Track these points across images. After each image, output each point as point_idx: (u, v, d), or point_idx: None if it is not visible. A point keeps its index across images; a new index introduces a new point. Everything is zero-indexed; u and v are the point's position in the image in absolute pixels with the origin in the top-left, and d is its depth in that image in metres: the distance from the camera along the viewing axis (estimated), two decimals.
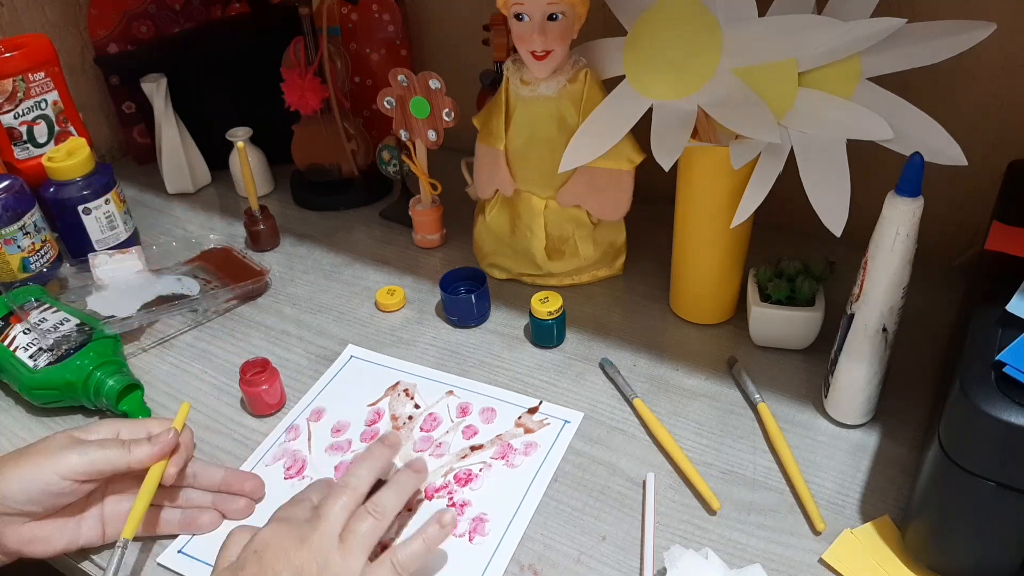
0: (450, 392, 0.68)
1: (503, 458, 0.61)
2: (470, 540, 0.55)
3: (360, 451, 0.63)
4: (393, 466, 0.56)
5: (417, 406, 0.67)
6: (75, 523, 0.55)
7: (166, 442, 0.55)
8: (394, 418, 0.66)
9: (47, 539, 0.53)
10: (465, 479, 0.59)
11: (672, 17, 0.64)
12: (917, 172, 0.51)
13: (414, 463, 0.54)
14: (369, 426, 0.65)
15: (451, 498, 0.58)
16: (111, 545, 0.56)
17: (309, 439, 0.65)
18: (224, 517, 0.58)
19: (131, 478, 0.55)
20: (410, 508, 0.57)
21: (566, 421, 0.64)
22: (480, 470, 0.60)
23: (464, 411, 0.66)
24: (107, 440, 0.54)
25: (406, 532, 0.56)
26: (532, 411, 0.65)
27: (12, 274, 0.80)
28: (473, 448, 0.62)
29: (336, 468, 0.62)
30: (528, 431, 0.63)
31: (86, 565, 0.56)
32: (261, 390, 0.66)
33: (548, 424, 0.64)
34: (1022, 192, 0.62)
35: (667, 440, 0.61)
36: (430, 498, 0.58)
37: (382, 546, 0.52)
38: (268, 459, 0.63)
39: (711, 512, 0.56)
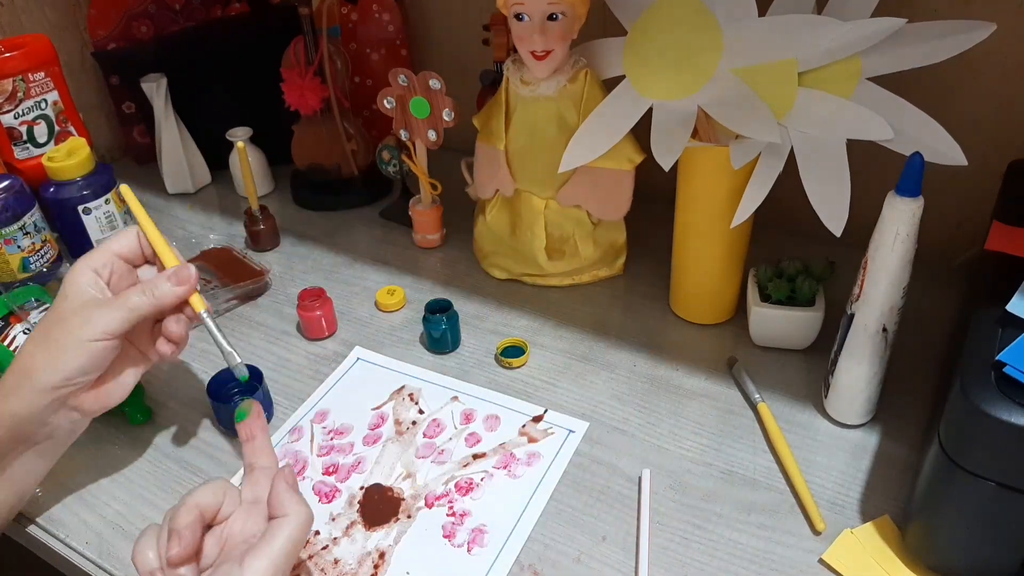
0: (455, 398, 0.67)
1: (505, 467, 0.60)
2: (468, 551, 0.54)
3: (365, 454, 0.63)
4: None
5: (421, 411, 0.66)
6: (135, 353, 0.57)
7: (190, 279, 0.56)
8: (397, 422, 0.65)
9: (122, 380, 0.56)
10: (466, 488, 0.59)
11: (672, 17, 0.64)
12: (917, 172, 0.51)
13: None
14: (372, 430, 0.65)
15: (451, 507, 0.57)
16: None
17: (312, 440, 0.64)
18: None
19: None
20: (409, 515, 0.57)
21: (571, 431, 0.63)
22: (482, 479, 0.60)
23: (468, 418, 0.65)
24: (127, 293, 0.54)
25: (405, 539, 0.55)
26: (537, 419, 0.65)
27: (12, 274, 0.80)
28: (475, 456, 0.62)
29: (331, 470, 0.62)
30: (532, 440, 0.63)
31: (86, 565, 0.56)
32: (316, 315, 0.73)
33: (552, 434, 0.63)
34: (1022, 192, 0.62)
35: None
36: (430, 506, 0.58)
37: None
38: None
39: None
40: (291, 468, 0.50)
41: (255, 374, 0.67)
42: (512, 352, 0.71)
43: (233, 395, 0.67)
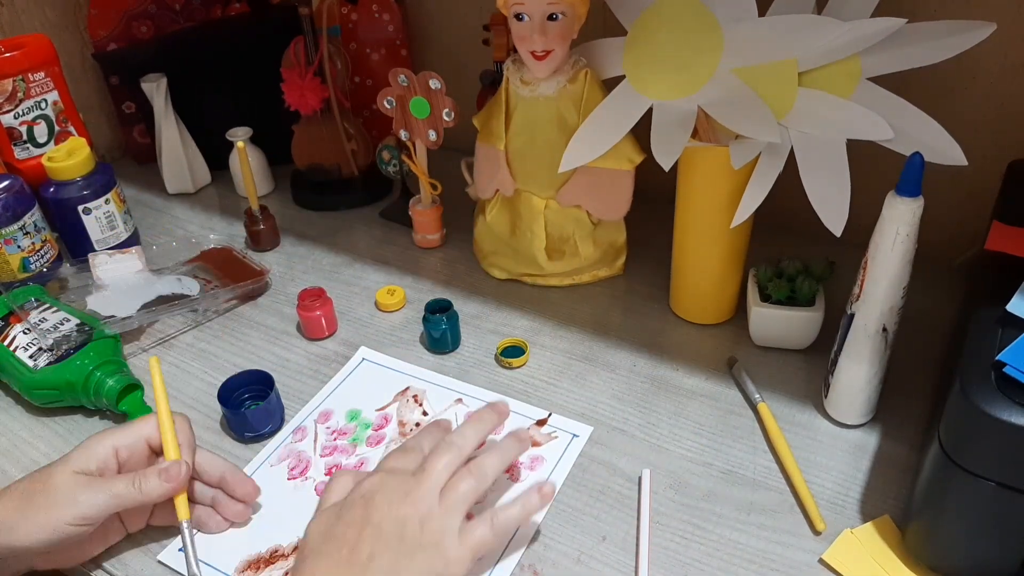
0: (459, 400, 0.67)
1: (508, 472, 0.60)
2: None
3: (368, 455, 0.63)
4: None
5: (425, 413, 0.66)
6: (114, 526, 0.55)
7: (178, 478, 0.54)
8: (401, 424, 0.65)
9: (87, 549, 0.54)
10: None
11: (672, 17, 0.64)
12: (917, 172, 0.51)
13: (519, 432, 0.55)
14: (376, 431, 0.65)
15: None
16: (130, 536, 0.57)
17: (315, 440, 0.64)
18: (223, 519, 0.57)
19: None
20: None
21: (574, 435, 0.63)
22: None
23: None
24: (115, 480, 0.53)
25: None
26: (541, 423, 0.64)
27: (12, 274, 0.80)
28: None
29: (333, 471, 0.61)
30: (535, 444, 0.62)
31: (86, 564, 0.56)
32: (316, 315, 0.73)
33: (556, 438, 0.63)
34: (1022, 192, 0.62)
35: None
36: None
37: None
38: (274, 459, 0.63)
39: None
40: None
41: (266, 380, 0.66)
42: (512, 352, 0.71)
43: (244, 400, 0.66)
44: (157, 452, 0.56)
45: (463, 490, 0.49)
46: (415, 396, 0.68)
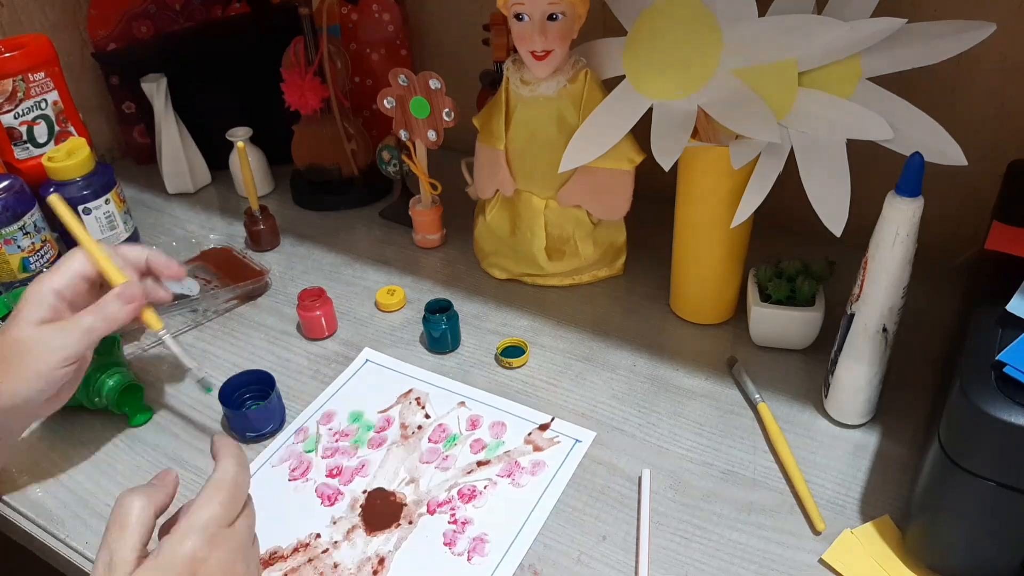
0: (462, 403, 0.67)
1: (509, 476, 0.60)
2: (468, 560, 0.54)
3: (369, 457, 0.63)
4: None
5: (428, 416, 0.66)
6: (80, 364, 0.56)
7: (136, 297, 0.56)
8: (403, 426, 0.65)
9: (62, 396, 0.57)
10: (469, 495, 0.59)
11: (672, 17, 0.64)
12: (917, 172, 0.51)
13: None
14: (378, 433, 0.65)
15: (453, 514, 0.57)
16: None
17: (317, 442, 0.64)
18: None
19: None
20: (411, 521, 0.57)
21: (577, 440, 0.63)
22: (485, 487, 0.59)
23: (474, 424, 0.65)
24: (81, 316, 0.54)
25: (406, 545, 0.55)
26: (543, 428, 0.64)
27: (12, 274, 0.80)
28: (480, 464, 0.61)
29: (335, 472, 0.61)
30: (537, 449, 0.62)
31: (86, 564, 0.56)
32: (316, 315, 0.73)
33: (558, 443, 0.62)
34: (1022, 192, 0.62)
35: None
36: (432, 513, 0.57)
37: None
38: (275, 460, 0.63)
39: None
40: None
41: (267, 380, 0.66)
42: (512, 352, 0.71)
43: (246, 400, 0.66)
44: (94, 283, 0.58)
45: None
46: (418, 399, 0.68)
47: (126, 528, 0.42)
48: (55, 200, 0.60)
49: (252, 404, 0.66)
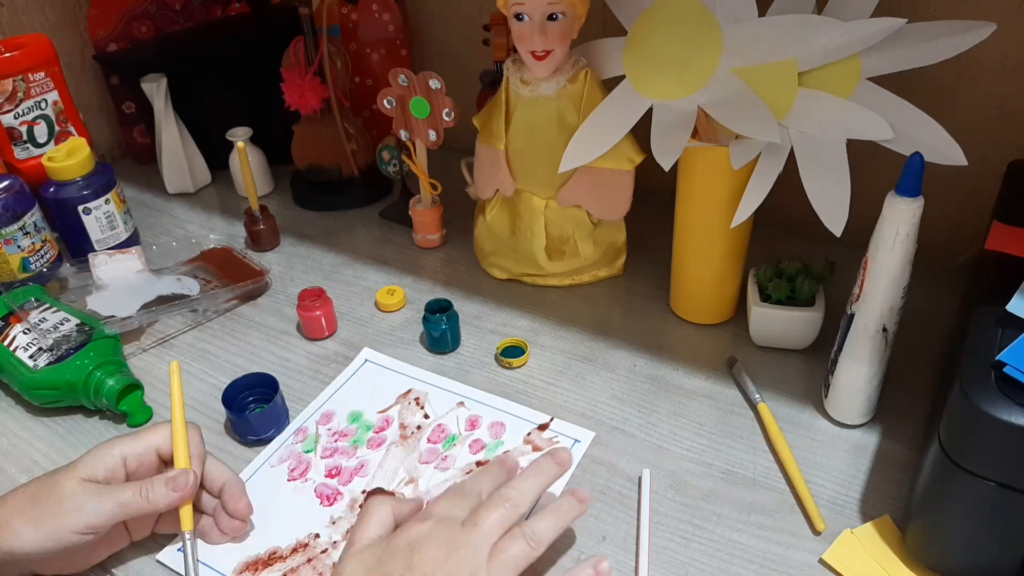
0: (461, 403, 0.67)
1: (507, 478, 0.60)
2: None
3: (368, 457, 0.63)
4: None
5: (427, 416, 0.66)
6: (118, 534, 0.54)
7: (186, 488, 0.53)
8: (403, 427, 0.65)
9: (89, 557, 0.54)
10: None
11: (672, 17, 0.64)
12: (917, 172, 0.51)
13: (577, 492, 0.51)
14: (376, 433, 0.65)
15: None
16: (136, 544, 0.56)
17: (316, 442, 0.64)
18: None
19: None
20: None
21: (576, 440, 0.62)
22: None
23: (473, 424, 0.65)
24: (122, 488, 0.52)
25: None
26: (542, 428, 0.64)
27: (12, 274, 0.80)
28: (479, 464, 0.61)
29: (334, 473, 0.61)
30: (536, 449, 0.62)
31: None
32: (316, 315, 0.73)
33: (557, 443, 0.62)
34: (1022, 192, 0.62)
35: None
36: None
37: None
38: (274, 460, 0.63)
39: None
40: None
41: (270, 383, 0.66)
42: (512, 352, 0.71)
43: (248, 404, 0.66)
44: (166, 461, 0.55)
45: (513, 554, 0.46)
46: (417, 399, 0.68)
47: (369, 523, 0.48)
48: (174, 368, 0.59)
49: (255, 407, 0.66)
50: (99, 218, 0.84)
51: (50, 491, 0.51)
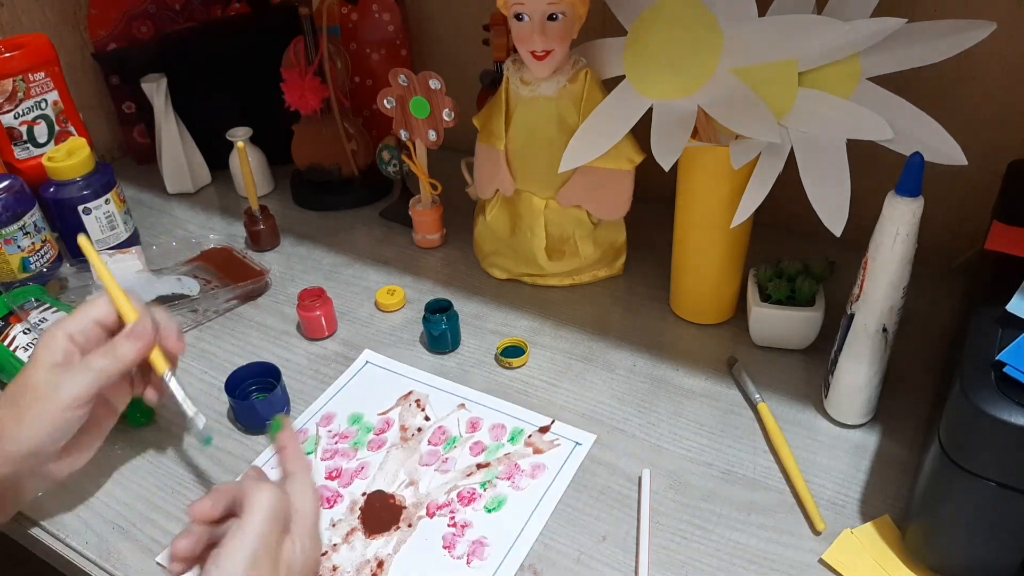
0: (462, 405, 0.67)
1: (509, 479, 0.60)
2: (468, 563, 0.54)
3: (368, 459, 0.63)
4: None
5: (427, 418, 0.66)
6: (102, 412, 0.57)
7: (146, 335, 0.55)
8: (403, 429, 0.65)
9: (89, 442, 0.57)
10: (468, 498, 0.58)
11: (672, 17, 0.64)
12: (917, 172, 0.51)
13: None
14: (377, 435, 0.65)
15: (452, 517, 0.57)
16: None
17: (316, 443, 0.64)
18: None
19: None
20: (410, 524, 0.57)
21: (577, 443, 0.62)
22: (485, 490, 0.59)
23: (474, 426, 0.65)
24: (90, 357, 0.54)
25: (405, 548, 0.55)
26: (543, 430, 0.64)
27: (12, 274, 0.80)
28: (479, 466, 0.61)
29: (334, 475, 0.61)
30: (537, 451, 0.62)
31: (86, 565, 0.56)
32: (316, 315, 0.73)
33: (559, 445, 0.62)
34: (1022, 192, 0.62)
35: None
36: (431, 516, 0.57)
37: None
38: (275, 462, 0.63)
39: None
40: (257, 468, 0.52)
41: (273, 372, 0.67)
42: (512, 352, 0.71)
43: (251, 392, 0.67)
44: (111, 331, 0.57)
45: None
46: (418, 401, 0.68)
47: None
48: (83, 241, 0.60)
49: (258, 396, 0.66)
50: (99, 218, 0.84)
51: (25, 388, 0.52)
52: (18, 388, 0.53)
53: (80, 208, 0.83)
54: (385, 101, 0.80)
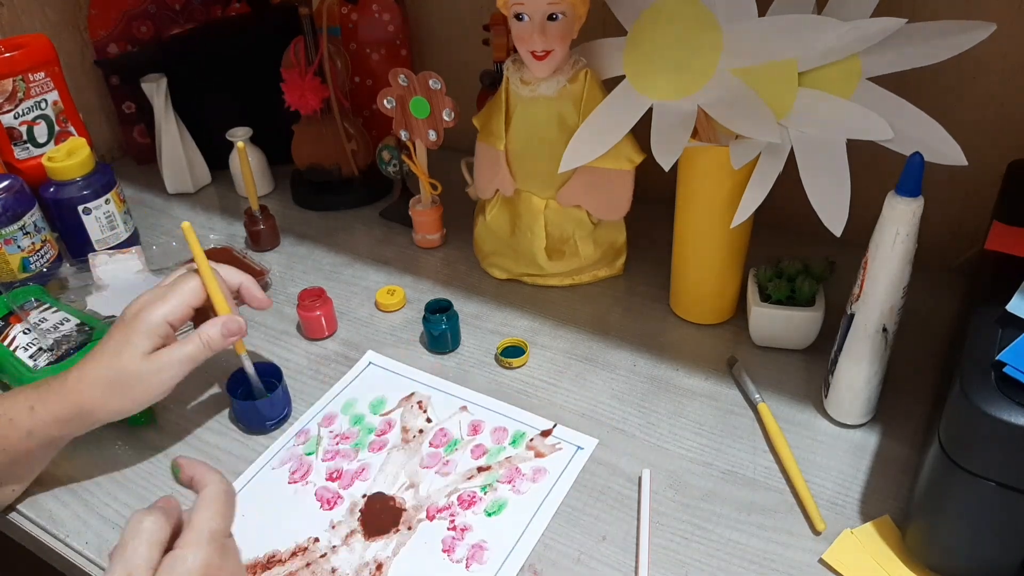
0: (464, 408, 0.67)
1: (510, 483, 0.59)
2: (467, 567, 0.54)
3: (369, 461, 0.63)
4: None
5: (429, 420, 0.66)
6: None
7: (239, 332, 0.61)
8: (405, 430, 0.65)
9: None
10: (469, 501, 0.58)
11: (672, 17, 0.64)
12: (917, 172, 0.51)
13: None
14: (379, 436, 0.65)
15: (452, 520, 0.57)
16: None
17: (318, 444, 0.64)
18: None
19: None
20: (410, 527, 0.57)
21: (579, 447, 0.62)
22: (485, 493, 0.59)
23: (476, 429, 0.64)
24: (185, 344, 0.59)
25: (404, 551, 0.55)
26: (545, 434, 0.64)
27: (12, 274, 0.80)
28: (480, 469, 0.61)
29: (335, 476, 0.61)
30: (539, 455, 0.62)
31: (86, 564, 0.56)
32: (316, 315, 0.74)
33: (560, 449, 0.62)
34: (1022, 192, 0.62)
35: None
36: (431, 519, 0.57)
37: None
38: (275, 463, 0.63)
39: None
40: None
41: (274, 372, 0.67)
42: (512, 352, 0.71)
43: (252, 392, 0.67)
44: (196, 308, 0.61)
45: None
46: (419, 402, 0.68)
47: (140, 543, 0.41)
48: (187, 227, 0.63)
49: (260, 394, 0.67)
50: (99, 218, 0.84)
51: (121, 374, 0.57)
52: (112, 373, 0.56)
53: (80, 208, 0.83)
54: (385, 101, 0.80)
